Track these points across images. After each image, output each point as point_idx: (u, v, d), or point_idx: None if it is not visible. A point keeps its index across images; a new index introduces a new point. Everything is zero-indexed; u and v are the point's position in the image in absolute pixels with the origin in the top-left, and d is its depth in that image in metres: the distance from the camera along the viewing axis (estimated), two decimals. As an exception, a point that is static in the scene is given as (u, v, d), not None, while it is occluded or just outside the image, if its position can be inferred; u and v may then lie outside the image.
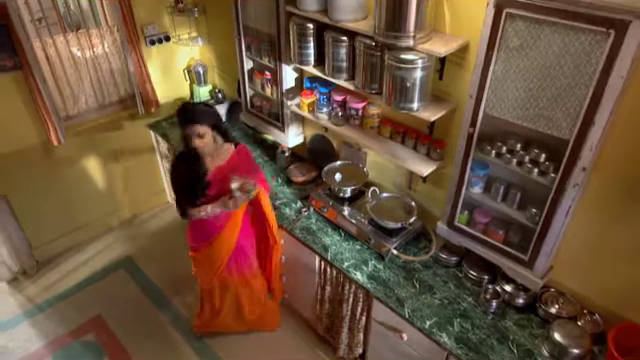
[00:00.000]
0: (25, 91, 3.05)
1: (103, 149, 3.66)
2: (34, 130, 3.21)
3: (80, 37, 3.28)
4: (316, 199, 2.80)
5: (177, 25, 3.60)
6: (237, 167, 2.46)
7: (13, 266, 3.52)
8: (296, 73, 2.90)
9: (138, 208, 4.10)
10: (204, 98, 3.81)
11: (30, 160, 3.28)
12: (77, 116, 3.46)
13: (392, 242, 2.45)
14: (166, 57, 3.69)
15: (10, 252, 3.46)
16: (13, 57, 2.90)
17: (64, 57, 3.25)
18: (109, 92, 3.57)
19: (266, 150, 3.42)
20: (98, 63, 3.42)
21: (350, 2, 2.19)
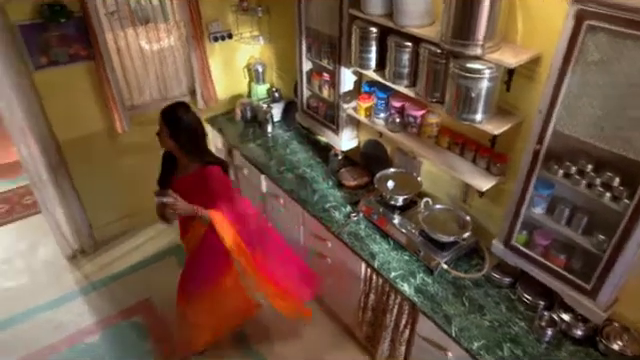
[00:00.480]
0: (96, 80, 3.21)
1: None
2: (101, 117, 3.37)
3: (149, 31, 3.41)
4: (366, 205, 2.76)
5: (240, 23, 3.67)
6: (193, 187, 2.28)
7: (73, 244, 3.72)
8: (355, 76, 2.87)
9: (190, 199, 4.22)
10: (261, 96, 3.86)
11: (95, 145, 3.45)
12: (141, 106, 3.60)
13: (443, 256, 2.37)
14: (227, 54, 3.77)
15: (72, 231, 3.65)
16: (88, 47, 3.06)
17: (133, 50, 3.39)
18: (172, 85, 3.69)
19: (319, 152, 3.42)
20: (164, 57, 3.54)
21: (417, 7, 2.14)
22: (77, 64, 3.09)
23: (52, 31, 2.89)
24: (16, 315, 3.28)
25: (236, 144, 3.56)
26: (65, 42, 2.97)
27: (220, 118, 3.87)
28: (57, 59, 2.99)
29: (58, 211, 3.52)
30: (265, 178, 3.30)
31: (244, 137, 3.64)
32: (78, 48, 3.04)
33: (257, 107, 3.74)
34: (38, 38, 2.87)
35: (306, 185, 3.08)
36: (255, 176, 3.40)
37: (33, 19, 2.80)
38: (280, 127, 3.73)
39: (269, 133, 3.65)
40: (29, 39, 2.84)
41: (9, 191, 4.47)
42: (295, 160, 3.34)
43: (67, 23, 2.85)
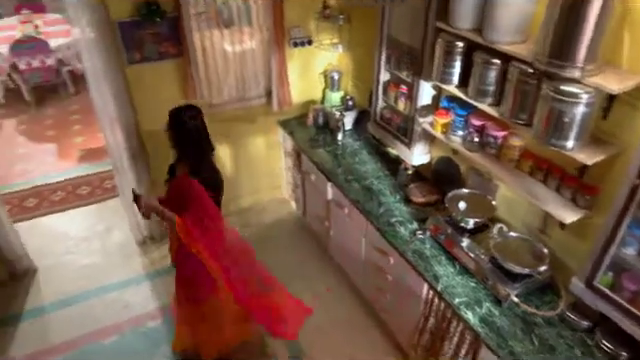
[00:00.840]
0: (181, 77, 3.37)
1: (236, 139, 3.91)
2: (182, 113, 3.53)
3: (233, 33, 3.53)
4: (434, 224, 2.66)
5: (320, 30, 3.70)
6: (175, 190, 2.28)
7: (144, 230, 3.92)
8: (434, 91, 2.79)
9: (256, 199, 4.31)
10: (335, 103, 3.86)
11: (174, 140, 3.62)
12: (219, 105, 3.73)
13: (514, 287, 2.22)
14: (305, 60, 3.81)
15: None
16: (177, 46, 3.22)
17: (217, 50, 3.52)
18: (250, 86, 3.79)
19: (387, 164, 3.36)
20: (244, 59, 3.64)
21: (511, 22, 2.03)
22: (165, 61, 3.26)
23: (147, 29, 3.07)
24: (89, 291, 3.51)
25: (306, 149, 3.59)
26: (157, 40, 3.14)
27: (292, 122, 3.92)
28: (149, 55, 3.17)
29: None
30: (331, 186, 3.29)
31: (314, 142, 3.66)
32: (168, 46, 3.20)
33: (330, 114, 3.75)
34: (134, 35, 3.06)
35: (372, 197, 3.03)
36: (322, 182, 3.40)
37: (131, 17, 3.00)
38: (351, 136, 3.71)
39: (339, 141, 3.64)
40: (126, 36, 3.04)
41: (93, 174, 4.81)
42: (363, 170, 3.30)
43: (161, 22, 3.02)
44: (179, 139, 2.31)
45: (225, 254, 2.39)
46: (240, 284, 2.44)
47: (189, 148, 2.33)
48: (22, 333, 3.20)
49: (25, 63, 5.73)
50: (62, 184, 4.66)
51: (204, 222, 2.28)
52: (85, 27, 2.95)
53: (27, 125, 5.79)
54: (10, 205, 4.34)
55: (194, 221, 2.25)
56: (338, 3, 3.60)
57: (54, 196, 4.50)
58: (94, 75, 3.12)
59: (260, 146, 4.06)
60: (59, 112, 6.07)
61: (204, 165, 2.38)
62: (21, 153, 5.19)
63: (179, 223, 2.24)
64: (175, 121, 2.31)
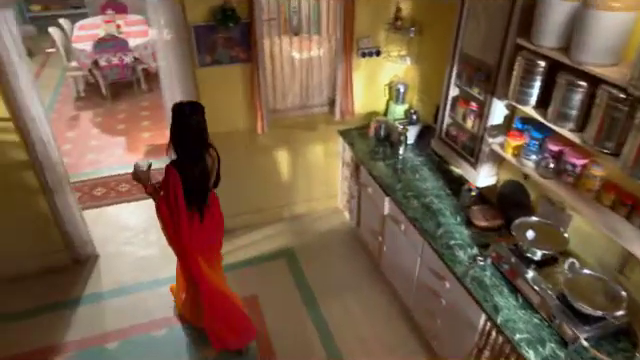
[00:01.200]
0: (248, 82, 3.42)
1: (295, 145, 3.92)
2: (245, 116, 3.59)
3: (301, 41, 3.55)
4: (497, 251, 2.51)
5: (390, 42, 3.64)
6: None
7: (200, 229, 4.02)
8: (507, 110, 2.64)
9: (311, 206, 4.30)
10: (398, 116, 3.78)
11: (235, 142, 3.68)
12: (281, 111, 3.76)
13: (584, 330, 2.03)
14: (372, 70, 3.76)
15: (201, 216, 3.94)
16: (247, 51, 3.28)
17: (285, 57, 3.56)
18: (314, 94, 3.79)
19: (449, 183, 3.22)
20: (311, 66, 3.65)
21: (603, 43, 1.87)
22: (235, 65, 3.33)
23: (220, 33, 3.15)
24: (142, 283, 3.63)
25: (365, 161, 3.53)
26: (229, 44, 3.21)
27: (353, 132, 3.88)
28: (219, 59, 3.25)
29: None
30: (389, 201, 3.21)
31: (374, 155, 3.59)
32: (239, 51, 3.27)
33: (392, 127, 3.67)
34: (207, 39, 3.15)
35: (432, 216, 2.92)
36: (379, 196, 3.32)
37: (206, 21, 3.08)
38: (412, 150, 3.61)
39: (400, 155, 3.55)
40: (200, 39, 3.13)
41: (156, 169, 4.98)
42: (423, 187, 3.19)
43: (234, 27, 3.08)
44: (172, 128, 2.49)
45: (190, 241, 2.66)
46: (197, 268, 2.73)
47: (177, 138, 2.51)
48: (78, 317, 3.35)
49: (105, 60, 6.09)
50: (127, 177, 4.88)
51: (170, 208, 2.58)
52: (163, 29, 3.07)
53: (102, 118, 6.14)
54: (81, 192, 4.60)
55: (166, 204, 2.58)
56: (410, 15, 3.53)
57: (120, 187, 4.72)
58: (167, 74, 3.25)
59: (319, 154, 4.05)
60: (131, 107, 6.40)
61: (189, 159, 2.55)
62: (93, 145, 5.51)
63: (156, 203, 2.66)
64: (176, 111, 2.47)
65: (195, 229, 2.65)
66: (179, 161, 2.52)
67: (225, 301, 2.89)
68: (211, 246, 2.87)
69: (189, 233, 2.62)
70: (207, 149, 2.59)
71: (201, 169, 2.57)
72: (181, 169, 2.50)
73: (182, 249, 2.68)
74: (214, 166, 2.65)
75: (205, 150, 2.58)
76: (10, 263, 3.54)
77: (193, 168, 2.54)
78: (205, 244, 2.75)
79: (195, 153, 2.55)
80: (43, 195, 3.38)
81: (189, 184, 2.53)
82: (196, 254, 2.67)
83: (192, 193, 2.57)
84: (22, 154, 3.16)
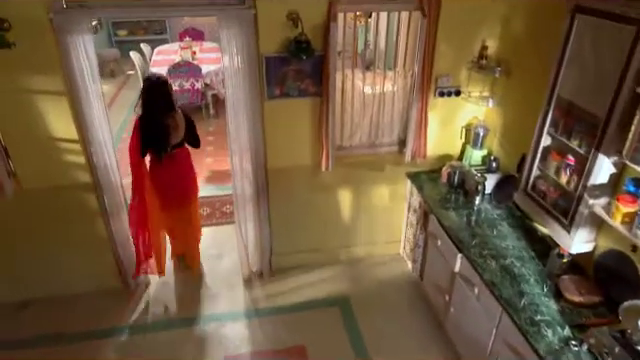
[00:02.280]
0: (315, 117, 3.25)
1: (359, 185, 3.68)
2: (310, 152, 3.41)
3: (376, 76, 3.35)
4: (596, 337, 2.08)
5: (472, 81, 3.35)
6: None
7: (252, 265, 3.83)
8: (615, 169, 2.25)
9: (370, 250, 4.01)
10: (475, 162, 3.44)
11: (298, 177, 3.51)
12: (348, 148, 3.54)
13: None
14: (449, 111, 3.47)
15: (255, 252, 3.76)
16: (317, 84, 3.12)
17: (356, 92, 3.36)
18: (383, 132, 3.55)
19: (533, 243, 2.83)
20: (383, 103, 3.43)
21: None
22: (303, 99, 3.17)
23: (291, 66, 3.02)
24: (188, 318, 3.47)
25: (435, 208, 3.21)
26: (299, 77, 3.07)
27: (423, 176, 3.58)
28: (288, 92, 3.11)
29: (249, 229, 3.66)
30: (462, 257, 2.85)
31: (445, 203, 3.26)
32: (309, 84, 3.11)
33: (468, 173, 3.34)
34: (278, 71, 3.02)
35: (513, 282, 2.53)
36: (449, 251, 2.97)
37: (279, 53, 2.96)
38: (489, 201, 3.24)
39: (476, 205, 3.20)
40: (270, 70, 3.02)
41: (215, 196, 4.94)
42: (502, 246, 2.82)
43: (306, 60, 2.93)
44: (143, 95, 3.23)
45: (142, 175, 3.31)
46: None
47: (144, 103, 3.23)
48: (118, 347, 3.23)
49: (178, 85, 6.25)
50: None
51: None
52: (234, 57, 2.99)
53: (169, 140, 6.24)
54: (140, 214, 4.60)
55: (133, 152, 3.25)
56: (497, 53, 3.23)
57: (178, 212, 4.67)
58: (233, 103, 3.15)
59: (384, 196, 3.77)
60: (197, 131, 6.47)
61: (150, 121, 3.23)
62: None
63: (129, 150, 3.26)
64: (147, 83, 3.26)
65: (154, 168, 3.41)
66: (142, 117, 3.25)
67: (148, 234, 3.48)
68: (174, 191, 3.53)
69: (140, 170, 3.29)
70: (169, 113, 3.26)
71: (159, 126, 3.23)
72: (141, 122, 3.23)
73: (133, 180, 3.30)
74: (179, 127, 3.31)
75: (167, 114, 3.24)
76: (62, 282, 3.52)
77: (151, 124, 3.22)
78: (165, 184, 3.43)
79: (153, 113, 3.22)
80: (101, 217, 3.35)
81: (148, 134, 3.23)
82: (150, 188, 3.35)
83: (151, 141, 3.26)
84: (85, 176, 3.16)
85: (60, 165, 3.08)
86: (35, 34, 2.66)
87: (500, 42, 3.21)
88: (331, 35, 2.87)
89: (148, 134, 3.21)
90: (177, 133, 3.31)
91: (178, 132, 3.31)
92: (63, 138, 2.99)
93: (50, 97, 2.85)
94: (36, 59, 2.72)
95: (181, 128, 3.31)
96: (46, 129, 2.94)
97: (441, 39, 3.14)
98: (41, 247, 3.36)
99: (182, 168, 3.51)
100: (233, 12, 2.86)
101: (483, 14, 3.13)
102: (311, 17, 2.89)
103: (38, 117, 2.89)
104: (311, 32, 2.90)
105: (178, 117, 3.30)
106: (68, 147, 3.03)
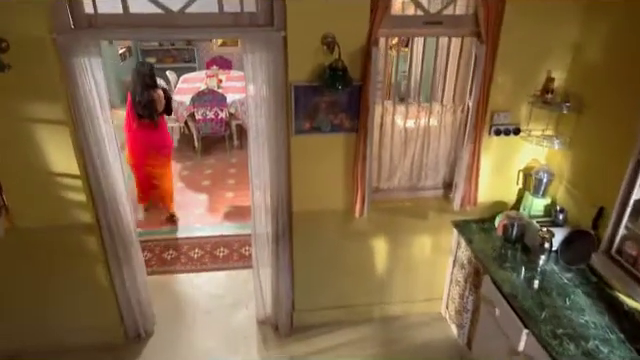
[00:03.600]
0: (350, 155, 2.82)
1: (397, 234, 3.19)
2: (342, 195, 2.96)
3: (419, 111, 2.91)
4: None
5: (533, 118, 2.87)
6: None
7: (270, 318, 3.36)
8: None
9: (407, 308, 3.47)
10: (535, 212, 2.92)
11: (326, 223, 3.06)
12: (385, 191, 3.08)
13: None
14: (505, 152, 2.99)
15: (273, 304, 3.29)
16: (353, 119, 2.69)
17: (396, 128, 2.93)
18: (427, 174, 3.08)
19: (620, 320, 2.26)
20: (428, 141, 2.97)
21: None
22: (336, 135, 2.75)
23: (324, 96, 2.61)
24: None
25: (490, 267, 2.69)
26: (332, 110, 2.66)
27: (472, 225, 3.07)
28: (319, 126, 2.69)
29: (268, 276, 3.21)
30: (528, 334, 2.30)
31: (502, 260, 2.74)
32: (343, 118, 2.69)
33: (529, 226, 2.81)
34: (308, 102, 2.62)
35: (602, 376, 1.98)
36: (510, 323, 2.42)
37: (310, 82, 2.56)
38: (556, 261, 2.70)
39: (540, 265, 2.66)
40: (300, 102, 2.61)
41: (234, 236, 4.52)
42: (580, 322, 2.26)
43: (342, 90, 2.51)
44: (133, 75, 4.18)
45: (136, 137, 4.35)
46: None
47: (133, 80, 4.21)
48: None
49: (201, 113, 5.96)
50: (202, 240, 4.44)
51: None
52: (259, 85, 2.61)
53: (189, 172, 5.93)
54: (151, 254, 4.21)
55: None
56: (565, 86, 2.76)
57: (192, 253, 4.27)
58: (256, 135, 2.76)
59: (424, 247, 3.27)
60: (219, 163, 6.15)
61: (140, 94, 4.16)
62: (176, 200, 5.22)
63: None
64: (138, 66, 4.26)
65: (147, 132, 4.32)
66: (132, 92, 4.19)
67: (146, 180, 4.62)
68: (158, 149, 4.46)
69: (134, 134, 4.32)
70: (153, 89, 4.22)
71: (145, 98, 4.16)
72: (132, 95, 4.19)
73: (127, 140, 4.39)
74: (161, 100, 4.29)
75: (151, 89, 4.20)
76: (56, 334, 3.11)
77: (138, 97, 4.16)
78: (154, 144, 4.41)
79: (140, 89, 4.15)
80: (102, 264, 2.95)
81: (138, 104, 4.16)
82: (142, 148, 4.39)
83: (141, 110, 4.18)
84: (87, 216, 2.78)
85: (59, 202, 2.71)
86: (35, 56, 2.34)
87: (570, 73, 2.74)
88: (372, 62, 2.45)
89: (138, 105, 4.16)
90: (160, 105, 4.30)
91: (160, 104, 4.30)
92: (63, 173, 2.63)
93: (50, 126, 2.50)
94: (35, 84, 2.39)
95: (161, 101, 4.30)
96: (44, 162, 2.58)
97: (499, 69, 2.70)
98: (34, 294, 2.98)
99: (163, 130, 4.54)
100: (260, 34, 2.49)
101: (550, 40, 2.68)
102: (348, 42, 2.49)
103: (35, 148, 2.54)
104: (347, 59, 2.50)
105: (159, 93, 4.28)
106: (69, 183, 2.67)
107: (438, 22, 2.63)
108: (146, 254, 4.20)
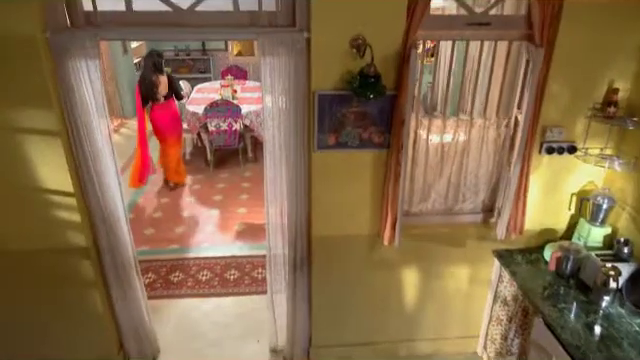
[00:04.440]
0: (379, 174, 2.47)
1: (429, 263, 2.82)
2: (368, 220, 2.61)
3: (458, 125, 2.55)
4: None
5: (590, 134, 2.49)
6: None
7: (285, 353, 2.99)
8: None
9: (439, 346, 3.08)
10: (593, 243, 2.53)
11: (350, 250, 2.70)
12: (417, 215, 2.72)
13: None
14: (556, 172, 2.61)
15: (288, 338, 2.94)
16: (384, 133, 2.35)
17: (431, 144, 2.58)
18: (465, 196, 2.72)
19: None
20: (467, 160, 2.62)
21: None
22: (365, 151, 2.41)
23: (352, 107, 2.28)
24: None
25: (541, 306, 2.30)
26: (362, 123, 2.32)
27: (517, 256, 2.69)
28: (345, 141, 2.36)
29: (282, 306, 2.87)
30: (597, 396, 1.91)
31: (555, 299, 2.35)
32: (373, 132, 2.35)
33: (587, 260, 2.42)
34: (334, 112, 2.28)
35: None
36: (572, 378, 2.03)
37: (337, 89, 2.24)
38: (621, 303, 2.30)
39: (602, 308, 2.27)
40: (324, 112, 2.28)
41: (246, 257, 4.18)
42: (663, 384, 1.86)
43: (374, 100, 2.17)
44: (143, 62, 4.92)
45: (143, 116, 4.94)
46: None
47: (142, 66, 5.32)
48: None
49: (215, 125, 5.68)
50: (212, 262, 4.11)
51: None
52: (278, 93, 2.29)
53: (200, 185, 5.63)
54: (156, 275, 3.89)
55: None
56: (630, 98, 2.38)
57: (200, 275, 3.93)
58: (273, 149, 2.44)
59: (460, 279, 2.89)
60: (232, 177, 5.85)
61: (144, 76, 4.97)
62: (184, 216, 4.93)
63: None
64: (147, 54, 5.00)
65: (155, 110, 5.07)
66: (141, 76, 5.00)
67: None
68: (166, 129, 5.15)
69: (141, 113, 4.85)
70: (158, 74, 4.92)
71: (149, 81, 4.89)
72: (140, 78, 4.98)
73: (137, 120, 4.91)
74: (162, 84, 4.95)
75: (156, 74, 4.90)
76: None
77: (144, 80, 4.91)
78: (163, 123, 5.11)
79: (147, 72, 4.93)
80: (100, 289, 2.64)
81: (144, 88, 4.91)
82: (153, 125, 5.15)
83: (144, 91, 4.91)
84: (80, 238, 2.47)
85: (50, 223, 2.41)
86: (24, 57, 2.05)
87: (636, 83, 2.37)
88: (411, 67, 2.11)
89: (143, 85, 4.87)
90: (163, 88, 4.97)
91: (164, 87, 4.97)
92: (54, 189, 2.33)
93: (40, 137, 2.21)
94: (23, 89, 2.11)
95: (164, 85, 4.97)
96: (33, 177, 2.29)
97: (554, 78, 2.34)
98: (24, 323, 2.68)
99: (172, 111, 5.19)
100: (280, 36, 2.18)
101: (613, 45, 2.31)
102: (381, 45, 2.15)
103: (23, 161, 2.24)
104: (379, 65, 2.15)
105: (162, 78, 4.95)
106: (61, 201, 2.36)
107: (485, 23, 2.28)
108: (150, 275, 3.89)
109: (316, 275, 2.75)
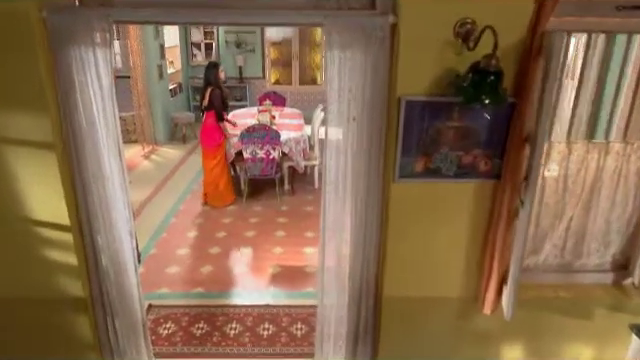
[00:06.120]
0: (482, 214, 1.79)
1: (540, 338, 2.08)
2: (463, 278, 1.91)
3: (589, 149, 1.87)
4: None
5: None
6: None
7: None
8: None
9: None
10: None
11: (436, 316, 2.00)
12: (529, 271, 2.01)
13: None
14: None
15: None
16: (496, 156, 1.68)
17: (550, 175, 1.89)
18: (589, 245, 2.00)
19: None
20: (597, 199, 1.91)
21: None
22: (464, 181, 1.74)
23: (454, 120, 1.63)
24: None
25: None
26: (464, 143, 1.66)
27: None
28: (439, 167, 1.70)
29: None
30: None
31: None
32: (478, 156, 1.69)
33: None
34: (426, 127, 1.64)
35: None
36: None
37: (432, 95, 1.60)
38: None
39: None
40: (412, 125, 1.64)
41: (283, 307, 3.48)
42: None
43: (490, 108, 1.52)
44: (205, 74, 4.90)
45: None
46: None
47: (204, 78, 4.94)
48: None
49: (250, 152, 5.13)
50: (242, 311, 3.43)
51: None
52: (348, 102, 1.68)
53: (232, 219, 5.03)
54: (177, 326, 3.24)
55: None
56: None
57: (228, 327, 3.25)
58: (336, 178, 1.80)
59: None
60: (267, 211, 5.23)
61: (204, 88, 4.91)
62: (212, 253, 4.29)
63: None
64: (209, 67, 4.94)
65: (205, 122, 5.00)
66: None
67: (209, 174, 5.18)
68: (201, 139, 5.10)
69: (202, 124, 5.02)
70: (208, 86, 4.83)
71: (201, 92, 4.98)
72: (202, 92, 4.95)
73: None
74: (212, 97, 4.83)
75: (208, 86, 4.82)
76: None
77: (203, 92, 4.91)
78: (201, 133, 5.10)
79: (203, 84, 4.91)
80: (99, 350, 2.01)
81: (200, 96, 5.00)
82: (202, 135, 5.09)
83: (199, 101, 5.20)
84: (77, 286, 1.87)
85: (39, 266, 1.82)
86: (12, 42, 1.52)
87: None
88: (553, 62, 1.45)
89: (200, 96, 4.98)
90: (213, 101, 4.81)
91: (214, 100, 4.82)
92: (46, 221, 1.76)
93: (28, 151, 1.66)
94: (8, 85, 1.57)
95: (206, 98, 4.80)
96: (18, 205, 1.72)
97: None
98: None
99: (207, 123, 4.92)
100: (355, 21, 1.59)
101: None
102: (498, 34, 1.53)
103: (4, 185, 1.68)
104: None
105: (208, 91, 4.77)
106: (53, 237, 1.78)
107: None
108: (169, 326, 3.24)
109: (385, 347, 2.04)
